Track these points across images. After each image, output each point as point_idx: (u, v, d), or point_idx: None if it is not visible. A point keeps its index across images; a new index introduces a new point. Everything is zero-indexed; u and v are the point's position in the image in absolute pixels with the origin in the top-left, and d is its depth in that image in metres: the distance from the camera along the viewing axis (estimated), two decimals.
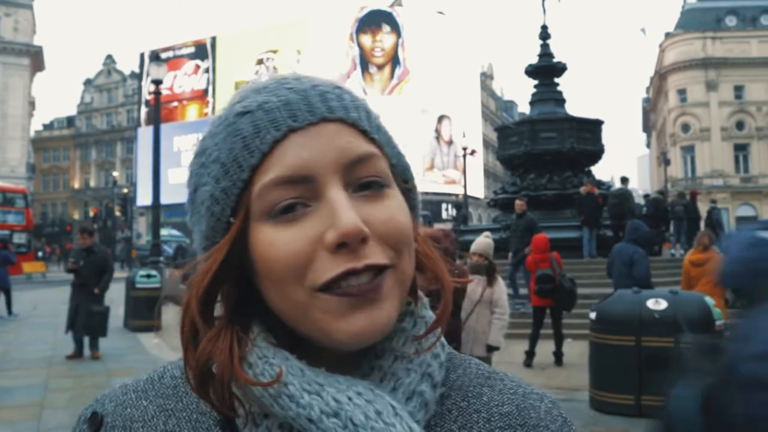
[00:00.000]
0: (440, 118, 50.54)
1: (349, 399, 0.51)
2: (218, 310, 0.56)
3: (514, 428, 0.58)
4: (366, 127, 0.56)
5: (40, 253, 32.53)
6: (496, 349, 5.28)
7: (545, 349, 7.93)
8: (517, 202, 11.36)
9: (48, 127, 73.49)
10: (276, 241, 0.51)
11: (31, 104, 53.72)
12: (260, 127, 0.53)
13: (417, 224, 0.60)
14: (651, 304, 5.61)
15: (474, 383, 0.62)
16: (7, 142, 49.38)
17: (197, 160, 0.58)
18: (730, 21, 48.72)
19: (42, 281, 26.16)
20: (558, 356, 7.91)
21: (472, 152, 32.82)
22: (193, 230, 0.59)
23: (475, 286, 5.16)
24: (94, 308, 8.42)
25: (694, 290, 6.99)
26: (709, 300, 5.66)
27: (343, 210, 0.50)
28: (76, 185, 67.61)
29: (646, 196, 19.34)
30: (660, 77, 52.50)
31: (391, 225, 0.53)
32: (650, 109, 64.74)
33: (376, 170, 0.54)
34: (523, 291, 10.39)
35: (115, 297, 14.22)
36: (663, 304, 5.57)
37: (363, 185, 0.54)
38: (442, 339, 0.61)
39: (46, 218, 63.97)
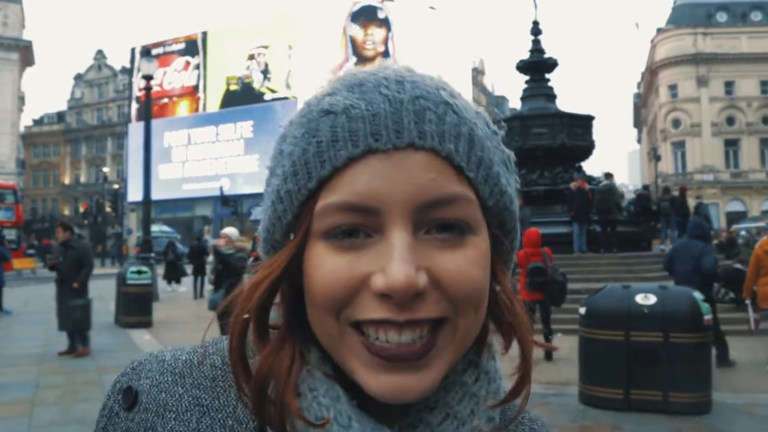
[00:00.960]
0: None
1: None
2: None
3: None
4: (462, 162, 0.48)
5: (31, 250, 32.30)
6: None
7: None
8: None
9: (38, 122, 72.97)
10: (324, 266, 0.47)
11: (21, 99, 53.34)
12: (338, 137, 0.48)
13: (507, 273, 0.55)
14: (640, 299, 5.66)
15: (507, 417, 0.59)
16: None
17: (278, 144, 0.54)
18: (721, 17, 48.95)
19: (32, 277, 26.03)
20: (547, 351, 7.95)
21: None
22: (262, 214, 0.56)
23: None
24: (75, 302, 8.38)
25: (762, 279, 7.46)
26: (698, 295, 5.71)
27: (399, 259, 0.45)
28: (67, 181, 67.23)
29: (635, 191, 19.47)
30: (651, 73, 52.70)
31: (458, 281, 0.47)
32: (641, 105, 64.99)
33: (461, 215, 0.48)
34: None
35: (106, 293, 14.22)
36: (652, 299, 5.62)
37: (441, 226, 0.48)
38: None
39: (36, 214, 63.63)
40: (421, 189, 0.47)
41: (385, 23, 49.26)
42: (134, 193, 45.03)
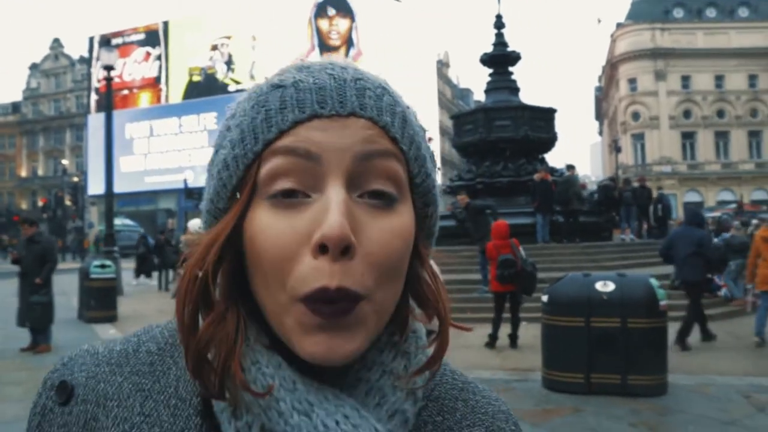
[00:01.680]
0: None
1: (337, 423, 0.50)
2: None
3: None
4: (397, 134, 0.53)
5: None
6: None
7: (502, 332, 8.14)
8: (459, 197, 11.85)
9: None
10: (267, 228, 0.49)
11: None
12: (286, 104, 0.51)
13: (427, 252, 0.58)
14: (599, 286, 5.85)
15: (449, 395, 0.62)
16: None
17: (225, 121, 0.56)
18: (678, 13, 50.07)
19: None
20: (513, 339, 8.14)
21: (429, 140, 33.04)
22: (204, 191, 0.58)
23: None
24: (34, 298, 8.24)
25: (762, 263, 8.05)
26: (654, 282, 5.93)
27: (335, 212, 0.48)
28: (23, 174, 65.43)
29: (602, 182, 19.89)
30: (611, 66, 53.67)
31: (382, 249, 0.50)
32: (602, 98, 66.16)
33: (391, 173, 0.52)
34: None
35: (68, 288, 13.97)
36: (611, 286, 5.81)
37: (373, 193, 0.51)
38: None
39: None
40: (359, 140, 0.51)
41: (350, 14, 49.14)
42: (95, 186, 44.14)
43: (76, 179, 48.24)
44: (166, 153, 48.75)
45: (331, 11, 49.05)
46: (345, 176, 0.50)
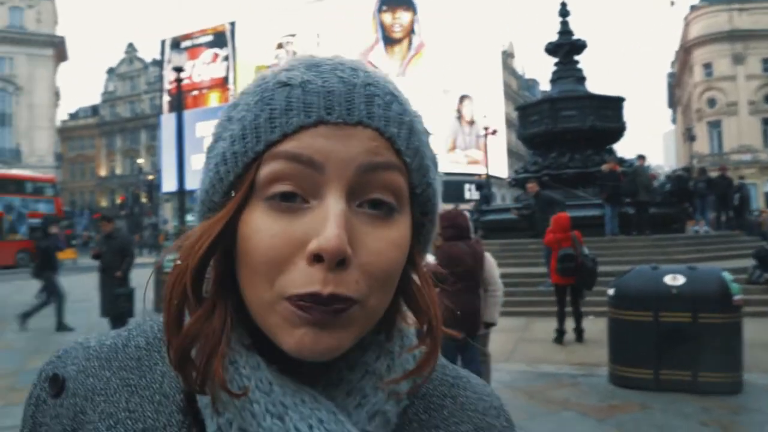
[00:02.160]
0: (461, 98, 50.39)
1: (310, 428, 0.50)
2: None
3: None
4: (401, 146, 0.52)
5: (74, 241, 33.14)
6: (493, 325, 5.39)
7: (567, 326, 8.00)
8: (528, 185, 11.55)
9: (73, 116, 74.55)
10: (262, 230, 0.49)
11: (56, 94, 54.51)
12: (293, 106, 0.50)
13: (421, 259, 0.58)
14: (668, 279, 5.66)
15: (437, 392, 0.62)
16: (35, 132, 50.27)
17: (227, 111, 0.56)
18: None
19: (73, 267, 26.77)
20: (578, 332, 7.99)
21: (494, 132, 32.67)
22: (201, 179, 0.57)
23: None
24: (119, 290, 8.70)
25: None
26: (727, 275, 5.69)
27: (334, 223, 0.47)
28: (103, 173, 68.65)
29: (673, 172, 19.18)
30: (685, 51, 51.48)
31: (378, 259, 0.50)
32: (675, 84, 63.57)
33: (393, 185, 0.51)
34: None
35: (144, 282, 14.59)
36: (680, 280, 5.62)
37: (373, 203, 0.51)
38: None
39: (74, 206, 65.18)
40: (364, 151, 0.50)
41: (412, 7, 49.13)
42: (168, 184, 45.79)
43: (151, 177, 50.28)
44: None
45: (394, 4, 49.20)
46: (346, 187, 0.49)
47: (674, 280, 5.62)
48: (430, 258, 5.21)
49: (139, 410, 0.55)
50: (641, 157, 14.19)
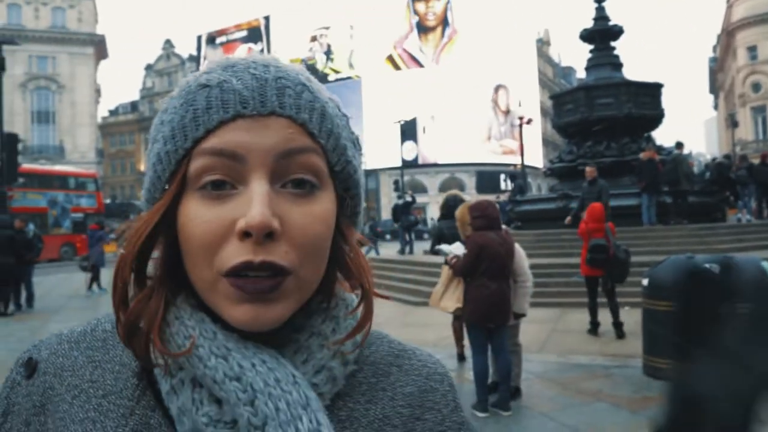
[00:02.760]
0: (497, 88, 49.95)
1: (253, 365, 0.54)
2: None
3: (413, 408, 0.65)
4: (314, 129, 0.57)
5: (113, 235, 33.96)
6: (523, 315, 5.34)
7: (605, 320, 7.83)
8: (588, 168, 11.21)
9: (113, 112, 76.26)
10: (196, 218, 0.54)
11: (97, 92, 55.84)
12: (212, 105, 0.55)
13: (352, 230, 0.64)
14: None
15: (385, 361, 0.67)
16: (77, 128, 51.61)
17: (159, 116, 0.60)
18: None
19: (114, 260, 27.38)
20: (617, 327, 7.73)
21: (529, 121, 32.26)
22: (144, 180, 0.62)
23: None
24: None
25: None
26: (766, 264, 5.55)
27: (258, 202, 0.52)
28: (142, 168, 69.52)
29: (713, 160, 18.69)
30: (728, 35, 50.03)
31: (304, 231, 0.55)
32: (717, 69, 61.87)
33: (311, 166, 0.56)
34: None
35: None
36: (716, 270, 5.50)
37: (295, 182, 0.56)
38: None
39: (115, 201, 66.72)
40: (280, 140, 0.55)
41: None
42: None
43: None
44: None
45: None
46: (268, 172, 0.54)
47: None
48: (460, 248, 5.21)
49: (100, 380, 0.61)
50: (679, 145, 13.84)
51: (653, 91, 16.41)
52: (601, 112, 15.76)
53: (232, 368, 0.54)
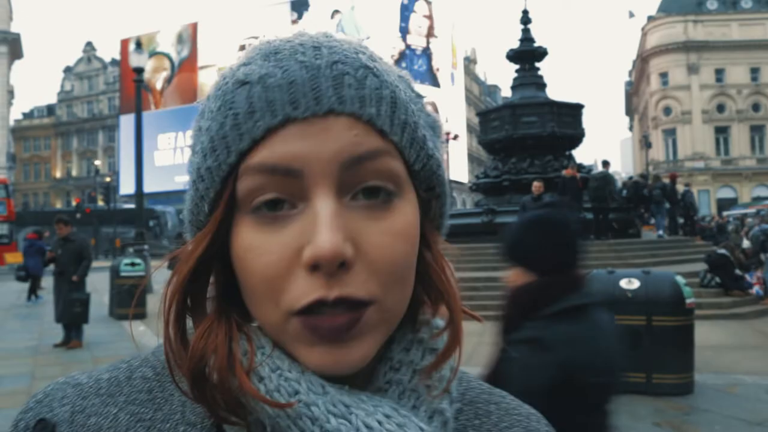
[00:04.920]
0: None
1: (379, 423, 0.46)
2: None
3: None
4: (384, 125, 0.47)
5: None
6: None
7: None
8: (535, 183, 11.27)
9: (28, 116, 72.54)
10: (254, 248, 0.45)
11: (10, 93, 53.00)
12: (255, 108, 0.45)
13: (437, 237, 0.54)
14: (624, 283, 5.78)
15: (481, 399, 0.60)
16: None
17: (197, 121, 0.51)
18: (711, 4, 49.06)
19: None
20: None
21: (455, 137, 32.94)
22: (185, 198, 0.52)
23: None
24: (74, 295, 8.45)
25: None
26: (680, 279, 5.84)
27: (325, 226, 0.43)
28: (58, 174, 66.94)
29: (629, 179, 19.63)
30: (642, 60, 52.82)
31: (384, 253, 0.46)
32: (633, 93, 65.14)
33: (385, 171, 0.47)
34: None
35: (100, 286, 14.26)
36: (636, 284, 5.74)
37: (368, 191, 0.46)
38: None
39: (27, 208, 63.37)
40: (343, 146, 0.45)
41: None
42: (126, 186, 44.98)
43: (108, 179, 49.20)
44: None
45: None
46: (333, 185, 0.45)
47: (629, 284, 5.74)
48: None
49: None
50: (606, 163, 14.48)
51: (575, 111, 17.08)
52: (525, 130, 16.26)
53: (358, 429, 0.45)
